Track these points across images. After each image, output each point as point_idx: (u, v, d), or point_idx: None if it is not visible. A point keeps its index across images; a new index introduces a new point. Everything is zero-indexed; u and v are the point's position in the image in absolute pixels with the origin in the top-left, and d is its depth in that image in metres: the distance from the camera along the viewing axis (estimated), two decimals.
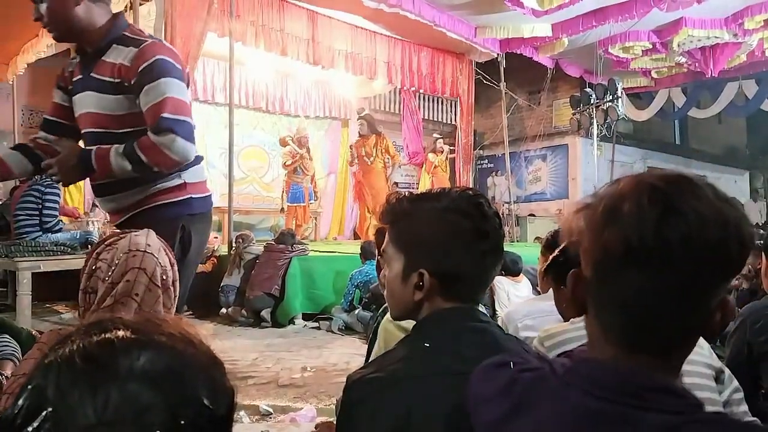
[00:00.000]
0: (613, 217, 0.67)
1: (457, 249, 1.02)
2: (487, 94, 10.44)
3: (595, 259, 0.70)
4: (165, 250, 1.22)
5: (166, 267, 1.18)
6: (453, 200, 1.05)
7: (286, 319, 5.69)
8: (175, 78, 1.86)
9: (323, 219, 10.51)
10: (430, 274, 1.03)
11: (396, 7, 7.14)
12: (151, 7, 6.06)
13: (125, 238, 1.19)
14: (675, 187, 0.67)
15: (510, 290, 4.74)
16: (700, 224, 0.64)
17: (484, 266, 1.05)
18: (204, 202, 2.13)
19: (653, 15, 7.64)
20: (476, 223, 1.03)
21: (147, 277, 1.13)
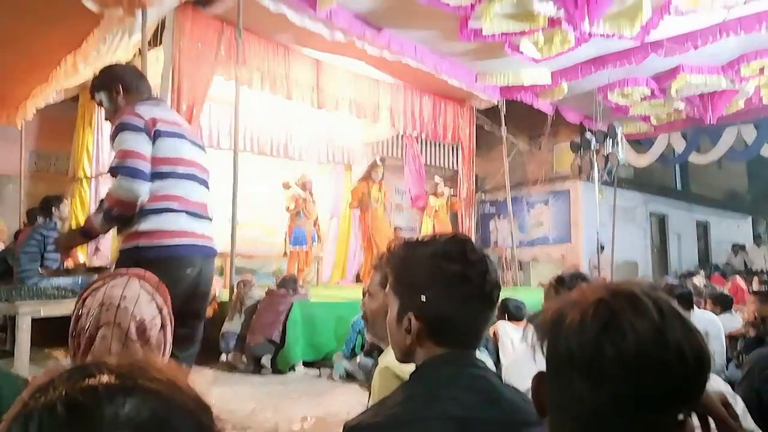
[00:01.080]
0: (560, 324, 0.70)
1: (440, 293, 1.04)
2: (488, 139, 10.56)
3: (548, 362, 0.72)
4: (153, 295, 1.20)
5: (144, 319, 1.15)
6: (439, 245, 1.08)
7: (287, 366, 5.59)
8: (126, 130, 2.28)
9: (325, 263, 10.47)
10: (417, 318, 1.04)
11: (398, 55, 7.30)
12: (159, 53, 6.20)
13: (103, 288, 1.17)
14: (620, 301, 0.68)
15: (514, 336, 4.66)
16: (636, 342, 0.65)
17: (471, 311, 1.05)
18: (154, 251, 2.30)
19: (651, 61, 7.78)
20: (459, 268, 1.04)
21: (122, 333, 1.11)
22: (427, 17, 6.48)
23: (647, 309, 0.67)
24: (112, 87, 2.50)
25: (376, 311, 1.56)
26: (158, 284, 1.25)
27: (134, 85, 2.53)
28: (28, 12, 5.08)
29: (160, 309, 1.21)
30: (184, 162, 2.43)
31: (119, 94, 2.48)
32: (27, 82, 6.93)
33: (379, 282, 1.57)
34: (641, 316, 0.66)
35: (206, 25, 6.21)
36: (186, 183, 2.43)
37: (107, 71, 2.60)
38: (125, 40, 5.61)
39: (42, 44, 5.85)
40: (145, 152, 2.28)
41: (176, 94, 5.87)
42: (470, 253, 1.06)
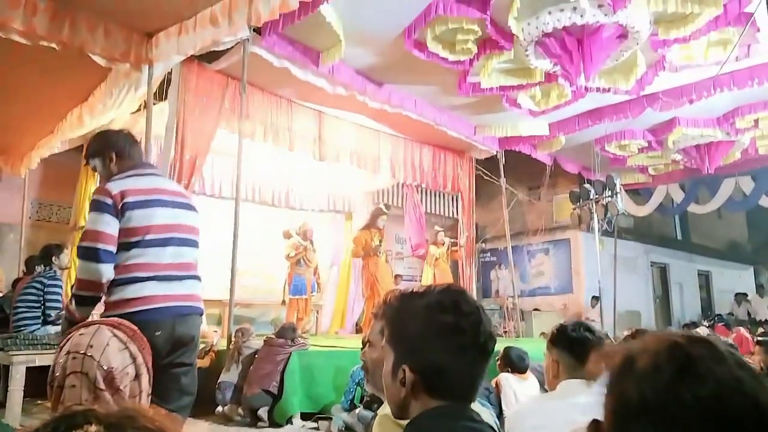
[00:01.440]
0: (631, 368, 0.68)
1: (433, 344, 1.03)
2: (487, 189, 10.64)
3: (613, 408, 0.70)
4: (127, 344, 1.19)
5: (113, 367, 1.14)
6: (433, 297, 1.08)
7: (284, 418, 5.46)
8: (93, 211, 2.41)
9: (325, 312, 10.38)
10: (411, 370, 1.03)
11: (398, 108, 7.46)
12: (164, 107, 6.33)
13: (73, 337, 1.17)
14: (697, 347, 0.67)
15: (517, 388, 4.58)
16: (715, 389, 0.63)
17: (466, 362, 1.04)
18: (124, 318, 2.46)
19: (647, 115, 7.93)
20: (453, 319, 1.04)
21: (90, 382, 1.10)
22: (426, 72, 6.65)
23: (725, 357, 0.65)
24: (106, 154, 2.60)
25: (377, 361, 1.54)
26: (134, 333, 1.24)
27: (127, 151, 2.62)
28: (38, 65, 5.22)
29: (134, 358, 1.19)
30: (155, 229, 2.47)
31: (112, 161, 2.59)
32: (33, 134, 7.05)
33: (379, 331, 1.55)
34: (720, 363, 0.64)
35: (211, 79, 6.37)
36: (155, 249, 2.47)
37: (101, 138, 2.70)
38: (131, 94, 5.75)
39: (50, 97, 5.98)
40: (110, 231, 2.37)
41: (180, 146, 5.96)
42: (464, 305, 1.06)
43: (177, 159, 5.95)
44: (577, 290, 12.07)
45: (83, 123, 6.26)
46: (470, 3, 5.35)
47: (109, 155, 2.59)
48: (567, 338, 2.02)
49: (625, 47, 5.93)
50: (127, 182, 2.47)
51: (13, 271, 7.26)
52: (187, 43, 4.75)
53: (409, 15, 5.58)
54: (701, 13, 5.34)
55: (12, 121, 6.59)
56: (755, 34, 5.96)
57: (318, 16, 5.18)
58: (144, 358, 1.23)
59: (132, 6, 4.59)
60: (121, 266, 2.39)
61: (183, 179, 6.00)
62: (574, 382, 1.91)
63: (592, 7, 5.24)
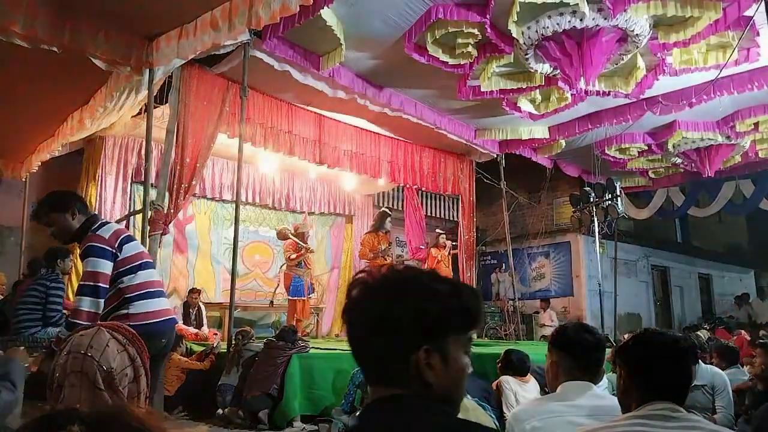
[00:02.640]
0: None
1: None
2: (488, 192, 10.65)
3: None
4: (126, 346, 1.19)
5: (112, 368, 1.14)
6: None
7: (284, 421, 5.45)
8: (95, 257, 2.89)
9: (326, 315, 10.37)
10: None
11: (399, 111, 7.47)
12: (165, 110, 6.34)
13: (74, 337, 1.17)
14: None
15: (517, 390, 4.58)
16: None
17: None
18: (143, 327, 2.77)
19: (647, 118, 7.94)
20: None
21: (89, 382, 1.10)
22: (426, 76, 6.67)
23: None
24: (70, 209, 3.03)
25: None
26: (133, 336, 1.25)
27: (83, 207, 3.12)
28: (39, 69, 5.23)
29: (132, 360, 1.19)
30: (142, 255, 3.13)
31: (75, 216, 3.04)
32: (34, 138, 7.06)
33: None
34: None
35: (211, 83, 6.38)
36: (149, 271, 3.11)
37: (62, 196, 3.14)
38: (132, 97, 5.76)
39: (51, 100, 6.00)
40: (108, 272, 2.92)
41: (180, 149, 5.97)
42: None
43: (177, 162, 5.95)
44: (578, 293, 12.06)
45: (84, 126, 6.27)
46: (470, 7, 5.37)
47: (72, 210, 3.04)
48: (567, 340, 2.02)
49: (624, 51, 5.94)
50: (108, 227, 3.05)
51: (14, 274, 7.26)
52: (188, 46, 4.76)
53: (409, 19, 5.59)
54: (701, 17, 5.35)
55: (13, 125, 6.60)
56: (754, 38, 5.98)
57: (318, 19, 5.20)
58: (142, 361, 1.23)
59: (133, 10, 4.61)
60: (134, 285, 2.96)
61: (183, 182, 6.00)
62: (575, 383, 1.91)
63: (591, 11, 5.25)
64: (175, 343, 6.37)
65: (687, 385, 1.58)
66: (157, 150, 6.76)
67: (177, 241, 8.90)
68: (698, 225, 15.53)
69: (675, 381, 1.53)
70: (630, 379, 1.57)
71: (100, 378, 1.13)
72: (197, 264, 9.18)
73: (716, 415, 3.97)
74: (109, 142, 8.00)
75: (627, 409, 1.56)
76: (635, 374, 1.56)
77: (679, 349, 1.58)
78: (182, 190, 5.99)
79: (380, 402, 0.95)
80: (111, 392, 1.13)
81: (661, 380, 1.51)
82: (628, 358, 1.62)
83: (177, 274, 8.93)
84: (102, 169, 7.94)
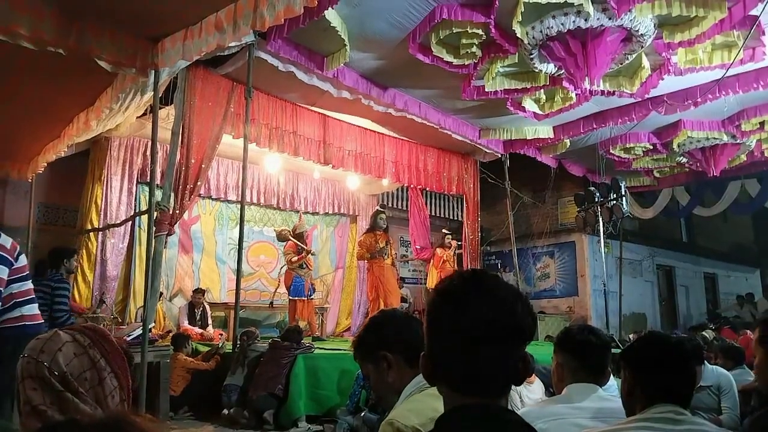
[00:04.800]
0: None
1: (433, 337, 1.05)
2: (492, 192, 10.65)
3: None
4: (87, 348, 1.18)
5: (67, 372, 1.14)
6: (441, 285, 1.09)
7: (290, 421, 5.47)
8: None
9: (330, 315, 10.39)
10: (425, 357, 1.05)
11: (403, 112, 7.47)
12: (170, 111, 6.36)
13: (32, 341, 1.19)
14: None
15: (522, 391, 4.59)
16: None
17: (459, 353, 1.00)
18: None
19: (652, 117, 7.92)
20: (451, 309, 1.03)
21: (47, 386, 1.11)
22: (431, 76, 6.67)
23: None
24: None
25: (376, 383, 1.58)
26: (99, 338, 1.23)
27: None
28: (44, 71, 5.25)
29: (94, 363, 1.19)
30: (27, 267, 3.50)
31: None
32: (40, 139, 7.09)
33: (361, 358, 1.62)
34: None
35: (216, 84, 6.40)
36: (30, 281, 3.52)
37: None
38: (137, 99, 5.77)
39: (56, 102, 6.02)
40: (5, 277, 3.26)
41: (185, 150, 5.99)
42: (468, 285, 1.03)
43: (182, 163, 5.97)
44: (583, 293, 12.04)
45: (90, 127, 6.30)
46: (474, 7, 5.37)
47: None
48: (572, 342, 2.02)
49: (629, 50, 5.93)
50: (5, 238, 3.33)
51: None
52: (193, 48, 4.77)
53: (414, 19, 5.59)
54: (706, 17, 5.33)
55: (19, 126, 6.63)
56: (760, 38, 5.95)
57: (323, 20, 5.20)
58: (108, 362, 1.22)
59: (138, 12, 4.62)
60: (23, 292, 3.41)
61: (189, 183, 6.02)
62: (580, 385, 1.92)
63: (596, 11, 5.24)
64: (181, 344, 6.40)
65: (691, 387, 1.59)
66: (162, 151, 6.78)
67: (182, 241, 8.93)
68: (703, 224, 15.48)
69: (679, 384, 1.54)
70: (634, 381, 1.57)
71: (56, 381, 1.14)
72: (202, 264, 9.20)
73: (722, 416, 3.96)
74: (114, 143, 8.03)
75: (631, 412, 1.56)
76: (640, 377, 1.56)
77: (683, 352, 1.59)
78: (187, 190, 6.01)
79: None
80: (72, 393, 1.14)
81: (666, 383, 1.51)
82: (633, 361, 1.62)
83: (182, 274, 8.96)
84: (107, 170, 7.98)
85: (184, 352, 6.37)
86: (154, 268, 5.30)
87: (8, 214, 8.02)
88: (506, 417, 0.99)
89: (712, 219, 13.43)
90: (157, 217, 5.41)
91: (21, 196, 7.94)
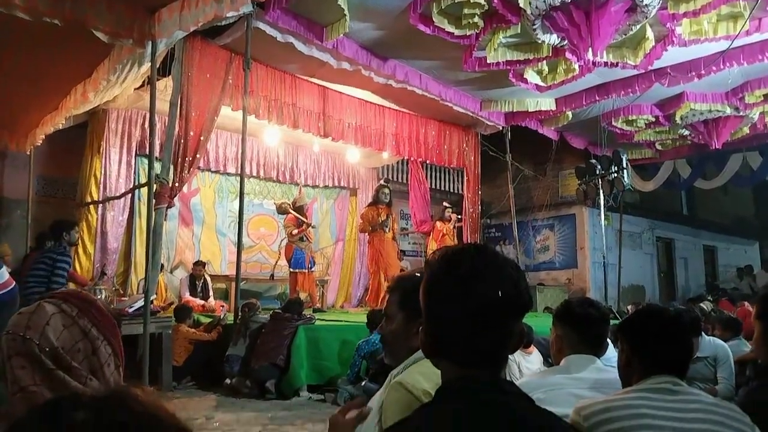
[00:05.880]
0: None
1: (438, 310, 1.04)
2: (493, 165, 10.61)
3: None
4: (75, 319, 1.11)
5: (58, 347, 1.06)
6: (438, 261, 1.08)
7: (291, 390, 5.56)
8: None
9: (330, 287, 10.46)
10: (425, 334, 1.05)
11: (403, 83, 7.39)
12: (168, 82, 6.30)
13: (14, 316, 1.10)
14: None
15: (521, 362, 4.64)
16: None
17: (468, 328, 1.00)
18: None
19: (655, 89, 7.84)
20: (450, 283, 1.03)
21: (36, 362, 1.04)
22: (432, 47, 6.58)
23: None
24: None
25: (394, 333, 1.57)
26: (86, 306, 1.17)
27: None
28: (41, 44, 5.18)
29: (85, 333, 1.12)
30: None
31: None
32: (38, 111, 7.04)
33: (395, 303, 1.57)
34: None
35: (214, 55, 6.32)
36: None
37: None
38: (135, 70, 5.71)
39: (53, 74, 5.96)
40: None
41: (184, 122, 5.95)
42: (461, 267, 1.02)
43: (181, 135, 5.94)
44: (582, 265, 12.10)
45: (87, 99, 6.24)
46: None
47: None
48: (571, 314, 2.04)
49: (633, 21, 5.83)
50: None
51: (21, 246, 7.32)
52: (190, 18, 4.70)
53: None
54: None
55: (16, 98, 6.57)
56: (767, 8, 5.86)
57: None
58: (100, 331, 1.15)
59: None
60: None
61: (188, 155, 6.00)
62: (579, 357, 1.94)
63: None
64: (184, 316, 6.46)
65: (688, 359, 1.60)
66: (160, 123, 6.73)
67: (182, 213, 8.94)
68: (704, 197, 15.45)
69: (676, 356, 1.55)
70: (632, 353, 1.59)
71: (46, 358, 1.07)
72: (203, 237, 9.23)
73: (717, 386, 4.01)
74: (112, 115, 7.97)
75: (628, 383, 1.58)
76: (637, 349, 1.58)
77: (680, 325, 1.60)
78: (186, 163, 5.99)
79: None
80: (64, 370, 1.08)
81: (663, 355, 1.53)
82: (630, 334, 1.64)
83: (183, 246, 8.99)
84: (106, 142, 7.93)
85: (186, 324, 6.43)
86: (155, 241, 5.32)
87: (7, 187, 8.01)
88: (505, 388, 1.01)
89: (713, 192, 13.41)
90: (157, 189, 5.41)
91: (20, 169, 7.92)
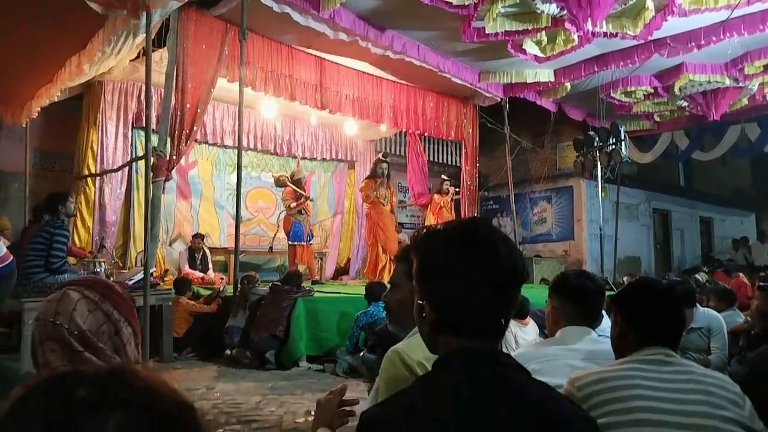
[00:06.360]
0: None
1: (447, 279, 1.02)
2: (491, 137, 10.57)
3: None
4: (99, 303, 1.21)
5: (85, 330, 1.16)
6: (449, 231, 1.07)
7: (291, 361, 5.64)
8: None
9: (329, 259, 10.52)
10: (430, 306, 1.04)
11: (401, 54, 7.32)
12: (164, 54, 6.23)
13: (42, 303, 1.20)
14: None
15: (517, 333, 4.71)
16: None
17: (480, 297, 1.00)
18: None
19: (654, 60, 7.78)
20: (464, 252, 1.02)
21: (66, 346, 1.14)
22: (429, 17, 6.50)
23: None
24: None
25: (400, 302, 1.58)
26: (108, 291, 1.26)
27: None
28: (35, 15, 5.10)
29: (108, 316, 1.21)
30: None
31: None
32: (33, 83, 6.96)
33: (403, 272, 1.56)
34: None
35: (210, 26, 6.24)
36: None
37: None
38: (129, 41, 5.63)
39: (48, 46, 5.88)
40: None
41: (180, 94, 5.90)
42: (478, 237, 1.03)
43: (178, 107, 5.90)
44: (579, 237, 12.16)
45: (83, 71, 6.18)
46: None
47: None
48: (567, 286, 2.06)
49: None
50: None
51: (19, 219, 7.33)
52: None
53: None
54: None
55: (11, 70, 6.49)
56: None
57: None
58: (121, 313, 1.25)
59: None
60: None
61: (185, 128, 5.96)
62: (574, 328, 1.97)
63: None
64: (184, 289, 6.51)
65: (680, 331, 1.64)
66: (157, 95, 6.68)
67: (180, 186, 8.93)
68: (702, 168, 15.45)
69: (669, 327, 1.58)
70: (625, 325, 1.62)
71: (75, 341, 1.17)
72: (201, 209, 9.24)
73: (710, 356, 4.08)
74: (108, 87, 7.90)
75: (621, 355, 1.61)
76: (630, 321, 1.61)
77: (672, 297, 1.63)
78: (183, 135, 5.96)
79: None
80: (91, 351, 1.17)
81: (656, 327, 1.56)
82: (624, 306, 1.66)
83: (181, 219, 9.00)
84: (102, 115, 7.88)
85: (186, 296, 6.49)
86: (153, 214, 5.32)
87: (4, 160, 7.98)
88: (503, 360, 1.02)
89: (711, 163, 13.41)
90: (154, 162, 5.39)
91: (16, 141, 7.87)
